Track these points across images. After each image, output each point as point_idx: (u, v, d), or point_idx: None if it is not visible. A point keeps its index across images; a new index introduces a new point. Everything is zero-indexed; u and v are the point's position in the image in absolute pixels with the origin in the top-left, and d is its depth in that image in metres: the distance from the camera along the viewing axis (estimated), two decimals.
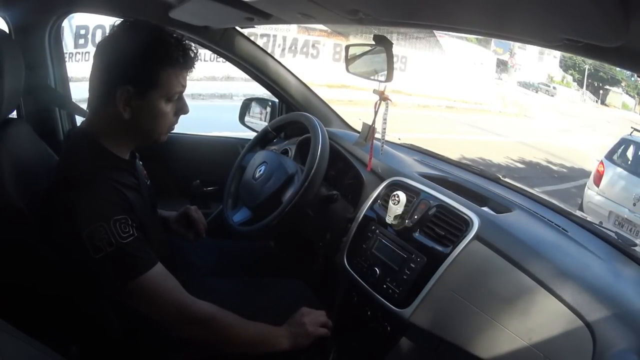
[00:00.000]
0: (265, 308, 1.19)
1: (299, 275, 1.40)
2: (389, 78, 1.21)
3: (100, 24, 7.88)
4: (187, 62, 0.94)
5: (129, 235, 0.85)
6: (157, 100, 0.93)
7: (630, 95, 27.47)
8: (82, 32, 7.96)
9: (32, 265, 0.90)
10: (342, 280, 1.30)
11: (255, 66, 1.65)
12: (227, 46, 1.60)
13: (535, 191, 1.38)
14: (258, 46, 1.66)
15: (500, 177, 1.42)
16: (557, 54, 23.46)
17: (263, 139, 1.47)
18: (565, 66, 28.01)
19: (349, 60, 1.30)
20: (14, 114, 1.32)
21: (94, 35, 7.99)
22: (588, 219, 1.24)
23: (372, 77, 1.25)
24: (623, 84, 27.23)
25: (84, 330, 0.89)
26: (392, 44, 1.17)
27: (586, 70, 26.57)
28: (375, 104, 1.23)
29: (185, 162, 1.73)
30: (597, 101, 27.12)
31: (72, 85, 1.53)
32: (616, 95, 27.43)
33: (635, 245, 1.10)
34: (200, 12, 1.33)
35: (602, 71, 26.20)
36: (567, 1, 0.52)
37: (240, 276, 1.30)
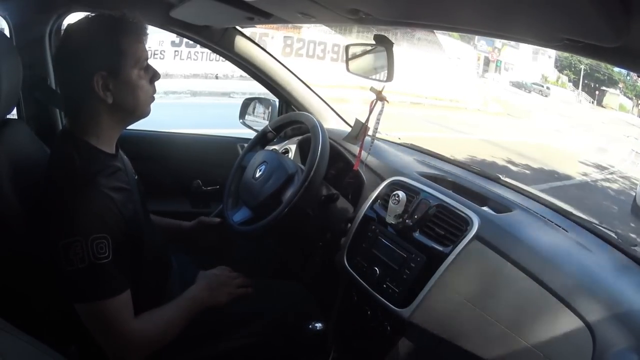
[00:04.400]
0: (263, 310, 1.19)
1: (299, 274, 1.40)
2: (389, 78, 1.21)
3: None
4: (139, 27, 0.96)
5: (104, 257, 0.84)
6: (130, 72, 0.94)
7: (628, 97, 26.96)
8: None
9: (31, 266, 0.90)
10: (342, 280, 1.30)
11: (255, 65, 1.65)
12: (228, 46, 1.60)
13: (535, 191, 1.38)
14: (259, 45, 1.66)
15: (501, 177, 1.42)
16: (552, 53, 23.04)
17: (263, 139, 1.46)
18: (560, 66, 27.45)
19: (349, 59, 1.30)
20: (13, 114, 1.32)
21: None
22: (588, 219, 1.24)
23: (371, 77, 1.25)
24: (621, 86, 26.77)
25: (83, 330, 0.89)
26: (392, 43, 1.17)
27: (582, 70, 26.12)
28: (371, 102, 1.23)
29: (185, 162, 1.73)
30: (593, 102, 26.64)
31: None
32: (613, 96, 26.93)
33: (636, 245, 1.10)
34: (201, 12, 1.33)
35: (599, 72, 25.79)
36: (567, 1, 0.52)
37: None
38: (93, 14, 0.96)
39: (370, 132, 1.26)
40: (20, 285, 0.92)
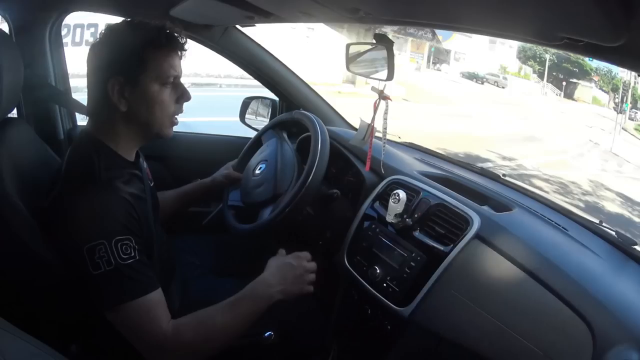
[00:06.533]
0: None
1: None
2: (389, 76, 1.21)
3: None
4: (172, 44, 0.94)
5: (129, 257, 0.84)
6: (149, 85, 0.92)
7: (603, 90, 25.34)
8: None
9: (31, 265, 0.90)
10: (342, 279, 1.30)
11: (255, 65, 1.66)
12: (228, 45, 1.60)
13: (535, 190, 1.38)
14: (258, 45, 1.66)
15: (501, 175, 1.42)
16: (513, 43, 21.30)
17: (281, 124, 1.47)
18: (524, 57, 25.89)
19: (349, 58, 1.30)
20: (14, 114, 1.32)
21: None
22: (588, 218, 1.24)
23: (371, 76, 1.25)
24: (596, 79, 25.34)
25: (83, 329, 0.89)
26: (392, 42, 1.17)
27: (547, 61, 24.68)
28: (375, 102, 1.23)
29: (186, 161, 1.73)
30: (559, 94, 25.00)
31: None
32: (585, 89, 25.47)
33: (636, 244, 1.10)
34: (201, 11, 1.33)
35: (569, 63, 24.42)
36: (567, 0, 0.52)
37: (239, 275, 1.30)
38: (132, 19, 0.95)
39: (380, 134, 1.26)
40: (20, 285, 0.92)
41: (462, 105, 14.29)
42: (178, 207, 1.34)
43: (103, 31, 0.94)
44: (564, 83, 25.47)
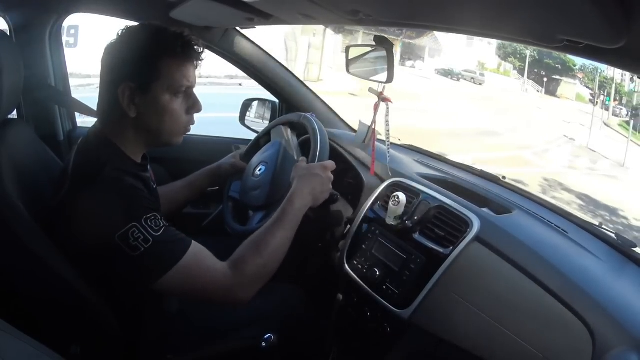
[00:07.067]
0: (262, 312, 1.18)
1: (298, 276, 1.40)
2: (389, 79, 1.21)
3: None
4: (187, 53, 0.93)
5: (160, 228, 0.85)
6: (161, 94, 0.91)
7: (588, 87, 24.68)
8: None
9: (31, 266, 0.90)
10: (341, 281, 1.30)
11: (255, 67, 1.66)
12: (228, 46, 1.60)
13: (535, 192, 1.38)
14: (258, 47, 1.67)
15: (500, 178, 1.42)
16: (492, 40, 20.17)
17: (290, 124, 1.46)
18: (504, 54, 25.52)
19: (349, 61, 1.30)
20: (14, 114, 1.32)
21: None
22: (587, 220, 1.24)
23: (371, 78, 1.25)
24: (580, 75, 24.87)
25: (83, 330, 0.89)
26: (392, 45, 1.18)
27: (527, 57, 24.24)
28: (375, 105, 1.23)
29: (185, 163, 1.73)
30: (540, 91, 24.58)
31: None
32: (569, 85, 25.00)
33: (635, 246, 1.10)
34: (201, 13, 1.34)
35: (551, 59, 24.03)
36: (567, 3, 0.52)
37: None
38: (149, 24, 0.94)
39: (383, 137, 1.26)
40: (20, 286, 0.91)
41: (424, 101, 13.70)
42: (188, 196, 1.35)
43: (120, 32, 0.94)
44: (546, 79, 25.00)
